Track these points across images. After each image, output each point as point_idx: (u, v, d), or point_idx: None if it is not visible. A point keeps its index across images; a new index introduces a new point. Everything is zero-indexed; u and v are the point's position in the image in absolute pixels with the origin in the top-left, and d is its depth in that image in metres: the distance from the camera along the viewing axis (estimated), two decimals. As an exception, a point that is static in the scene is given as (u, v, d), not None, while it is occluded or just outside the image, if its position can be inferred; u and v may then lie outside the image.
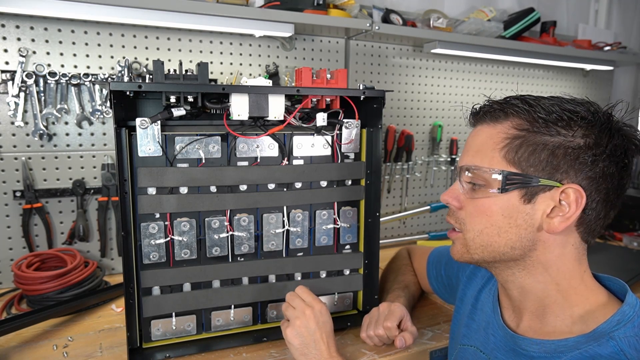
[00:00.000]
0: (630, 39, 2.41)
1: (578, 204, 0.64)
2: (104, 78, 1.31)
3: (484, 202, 0.69)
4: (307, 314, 0.86)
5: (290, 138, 1.00)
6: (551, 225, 0.66)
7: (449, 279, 1.04)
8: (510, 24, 1.79)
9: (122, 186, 0.89)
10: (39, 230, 1.32)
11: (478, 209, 0.70)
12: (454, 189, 0.74)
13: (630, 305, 0.65)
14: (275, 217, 1.01)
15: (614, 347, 0.60)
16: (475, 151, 0.71)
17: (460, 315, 0.92)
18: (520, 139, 0.66)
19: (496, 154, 0.68)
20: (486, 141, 0.70)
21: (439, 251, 1.12)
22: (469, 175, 0.70)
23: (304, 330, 0.85)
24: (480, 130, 0.72)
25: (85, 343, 1.00)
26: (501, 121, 0.69)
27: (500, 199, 0.67)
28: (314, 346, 0.84)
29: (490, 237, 0.69)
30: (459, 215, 0.73)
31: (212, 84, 1.18)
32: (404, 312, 0.99)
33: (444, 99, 1.88)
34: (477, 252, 0.71)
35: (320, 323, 0.85)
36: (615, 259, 1.60)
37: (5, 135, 1.25)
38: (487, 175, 0.68)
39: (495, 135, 0.69)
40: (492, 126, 0.70)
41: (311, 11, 1.38)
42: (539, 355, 0.68)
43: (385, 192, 1.81)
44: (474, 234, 0.71)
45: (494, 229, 0.69)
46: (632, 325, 0.62)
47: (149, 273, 0.93)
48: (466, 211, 0.72)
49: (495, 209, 0.68)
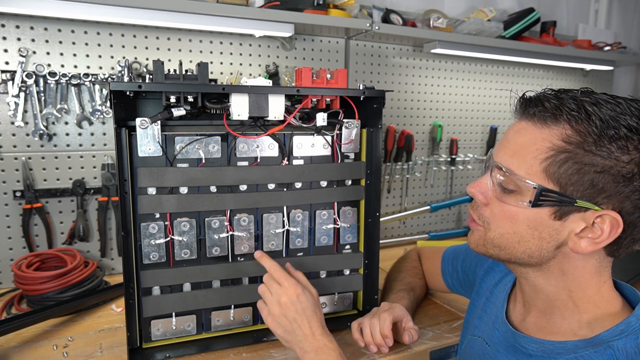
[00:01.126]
0: (630, 39, 2.41)
1: (613, 232, 0.60)
2: (104, 78, 1.31)
3: (511, 209, 0.65)
4: (283, 302, 0.85)
5: (290, 138, 1.00)
6: (577, 245, 0.62)
7: (466, 274, 1.04)
8: (510, 24, 1.79)
9: (122, 186, 0.89)
10: (39, 230, 1.32)
11: (504, 213, 0.66)
12: (482, 182, 0.69)
13: (637, 317, 0.62)
14: (275, 217, 1.01)
15: (610, 356, 0.59)
16: (513, 152, 0.65)
17: (475, 307, 0.92)
18: (567, 153, 0.59)
19: (536, 163, 0.61)
20: (528, 145, 0.63)
21: (455, 248, 1.12)
22: (500, 177, 0.66)
23: (283, 320, 0.84)
24: (524, 129, 0.64)
25: (85, 343, 1.00)
26: (549, 125, 0.61)
27: (530, 210, 0.63)
28: (296, 333, 0.84)
29: (510, 242, 0.67)
30: (483, 212, 0.70)
31: (212, 84, 1.18)
32: (404, 312, 0.99)
33: (444, 99, 1.88)
34: (493, 250, 0.70)
35: (299, 310, 0.84)
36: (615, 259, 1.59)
37: (5, 135, 1.25)
38: (520, 183, 0.63)
39: (540, 142, 0.61)
40: (538, 128, 0.62)
41: (311, 11, 1.38)
42: (536, 354, 0.68)
43: (385, 192, 1.81)
44: (494, 234, 0.68)
45: (515, 236, 0.66)
46: (635, 337, 0.60)
47: (149, 273, 0.93)
48: (491, 210, 0.68)
49: (521, 218, 0.65)
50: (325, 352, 0.82)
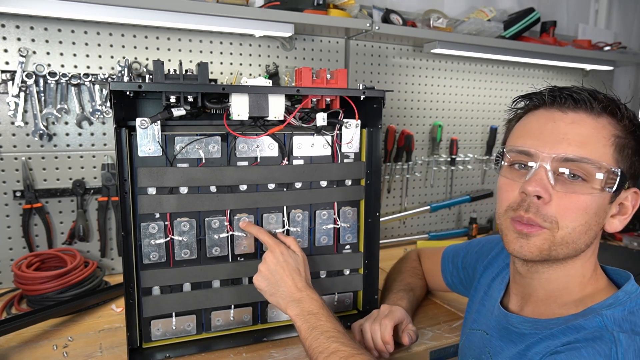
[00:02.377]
0: (630, 39, 2.41)
1: (634, 206, 0.68)
2: (104, 78, 1.31)
3: (585, 198, 0.64)
4: (267, 258, 0.90)
5: (290, 138, 1.00)
6: (613, 225, 0.68)
7: (466, 271, 1.05)
8: (510, 24, 1.79)
9: (122, 186, 0.89)
10: (39, 230, 1.32)
11: (577, 205, 0.65)
12: (540, 179, 0.65)
13: (625, 291, 0.67)
14: (275, 217, 1.01)
15: (599, 321, 0.62)
16: (580, 142, 0.64)
17: (473, 303, 0.93)
18: (625, 139, 0.66)
19: (608, 149, 0.65)
20: (594, 133, 0.65)
21: (455, 247, 1.13)
22: (575, 166, 0.64)
23: (267, 273, 0.88)
24: (580, 120, 0.66)
25: (85, 343, 1.00)
26: (605, 115, 0.66)
27: (599, 197, 0.65)
28: (279, 284, 0.87)
29: (580, 234, 0.66)
30: (547, 211, 0.65)
31: (212, 84, 1.18)
32: (404, 315, 0.99)
33: (444, 99, 1.88)
34: (559, 248, 0.67)
35: (281, 262, 0.88)
36: (615, 259, 1.60)
37: (5, 135, 1.25)
38: (597, 170, 0.64)
39: (603, 129, 0.65)
40: (594, 119, 0.66)
41: (311, 11, 1.38)
42: (529, 332, 0.71)
43: (385, 192, 1.81)
44: (567, 231, 0.65)
45: (586, 226, 0.66)
46: (623, 308, 0.64)
47: (149, 273, 0.93)
48: (558, 205, 0.65)
49: (593, 207, 0.65)
50: (307, 302, 0.84)
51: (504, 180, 0.72)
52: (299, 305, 0.84)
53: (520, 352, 0.70)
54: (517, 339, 0.73)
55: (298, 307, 0.84)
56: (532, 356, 0.67)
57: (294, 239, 0.96)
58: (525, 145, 0.68)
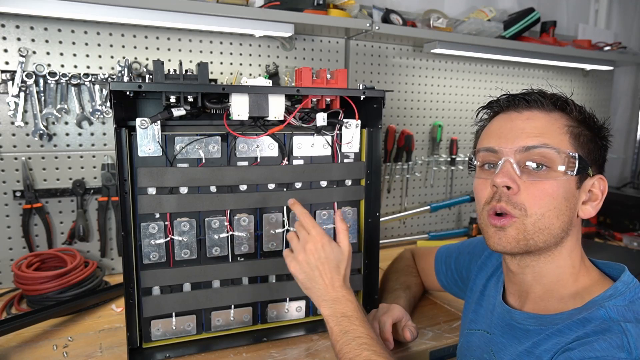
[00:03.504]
0: (630, 39, 2.41)
1: (603, 192, 0.71)
2: (104, 78, 1.31)
3: (551, 184, 0.69)
4: (308, 248, 0.85)
5: (290, 138, 1.00)
6: (585, 211, 0.71)
7: (459, 272, 1.05)
8: (510, 24, 1.79)
9: (122, 186, 0.89)
10: (39, 230, 1.32)
11: (544, 191, 0.69)
12: (507, 171, 0.70)
13: (623, 282, 0.69)
14: (275, 217, 1.01)
15: (603, 313, 0.64)
16: (538, 133, 0.70)
17: (470, 304, 0.93)
18: (578, 127, 0.71)
19: (564, 137, 0.70)
20: (548, 125, 0.71)
21: (447, 247, 1.13)
22: (537, 154, 0.69)
23: (305, 266, 0.85)
24: (533, 115, 0.72)
25: (85, 343, 1.00)
26: (556, 110, 0.72)
27: (565, 181, 0.69)
28: (316, 281, 0.84)
29: (551, 219, 0.69)
30: (517, 199, 0.69)
31: (212, 84, 1.18)
32: (403, 312, 0.99)
33: (444, 99, 1.88)
34: (534, 236, 0.69)
35: (322, 258, 0.84)
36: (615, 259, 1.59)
37: (5, 135, 1.25)
38: (557, 156, 0.68)
39: (555, 122, 0.71)
40: (546, 113, 0.72)
41: (311, 11, 1.38)
42: (534, 328, 0.71)
43: (385, 192, 1.81)
44: (536, 217, 0.69)
45: (555, 211, 0.69)
46: (623, 298, 0.66)
47: (149, 273, 0.93)
48: (527, 194, 0.69)
49: (560, 192, 0.69)
50: (343, 303, 0.81)
51: (478, 181, 0.77)
52: (333, 305, 0.81)
53: (527, 350, 0.70)
54: (522, 335, 0.73)
55: (332, 307, 0.81)
56: (540, 354, 0.67)
57: (346, 230, 0.90)
58: (490, 144, 0.74)
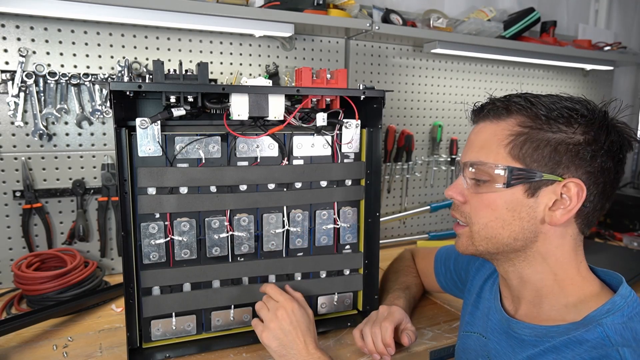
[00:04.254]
0: (630, 39, 2.41)
1: (579, 197, 0.67)
2: (104, 78, 1.31)
3: (489, 196, 0.71)
4: (280, 315, 0.87)
5: (290, 138, 1.00)
6: (553, 217, 0.68)
7: (458, 273, 1.06)
8: (510, 24, 1.79)
9: (122, 186, 0.89)
10: (38, 230, 1.32)
11: (483, 203, 0.72)
12: (457, 184, 0.75)
13: (622, 295, 0.67)
14: (275, 217, 1.01)
15: (600, 332, 0.63)
16: (479, 147, 0.73)
17: (467, 305, 0.94)
18: (524, 135, 0.68)
19: (501, 150, 0.70)
20: (490, 138, 0.71)
21: (447, 248, 1.14)
22: (472, 170, 0.72)
23: (279, 332, 0.86)
24: (483, 128, 0.74)
25: (85, 343, 1.00)
26: (504, 118, 0.71)
27: (505, 193, 0.69)
28: (291, 346, 0.85)
29: (495, 229, 0.71)
30: (464, 209, 0.75)
31: (212, 84, 1.18)
32: (403, 315, 0.99)
33: (444, 99, 1.88)
34: (481, 244, 0.73)
35: (294, 322, 0.87)
36: (615, 259, 1.60)
37: (5, 135, 1.25)
38: (491, 170, 0.70)
39: (500, 132, 0.71)
40: (495, 123, 0.72)
41: (311, 11, 1.38)
42: (529, 339, 0.71)
43: (385, 192, 1.81)
44: (479, 226, 0.73)
45: (498, 221, 0.71)
46: (622, 314, 0.65)
47: (149, 273, 0.93)
48: (471, 205, 0.74)
49: (499, 203, 0.70)
50: None
51: None
52: None
53: None
54: (517, 345, 0.73)
55: None
56: None
57: (301, 295, 0.97)
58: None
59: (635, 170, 2.45)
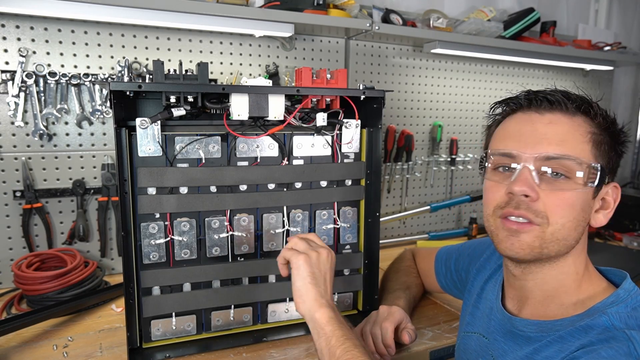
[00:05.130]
0: (630, 39, 2.41)
1: (616, 200, 0.69)
2: (104, 78, 1.31)
3: (570, 194, 0.66)
4: (322, 252, 0.81)
5: (290, 138, 1.00)
6: (597, 220, 0.69)
7: (459, 273, 1.05)
8: (510, 24, 1.79)
9: (122, 186, 0.89)
10: (39, 230, 1.32)
11: (565, 202, 0.66)
12: (525, 179, 0.67)
13: (625, 289, 0.68)
14: (275, 217, 1.01)
15: (605, 320, 0.63)
16: (560, 140, 0.67)
17: (467, 306, 0.93)
18: (600, 135, 0.68)
19: (586, 146, 0.67)
20: (571, 131, 0.67)
21: (447, 249, 1.13)
22: (558, 164, 0.66)
23: (318, 264, 0.80)
24: (557, 119, 0.68)
25: (85, 343, 1.00)
26: (579, 114, 0.69)
27: (584, 192, 0.67)
28: (319, 285, 0.79)
29: (570, 230, 0.67)
30: (536, 207, 0.67)
31: (212, 84, 1.18)
32: (403, 315, 0.99)
33: (444, 99, 1.88)
34: (552, 245, 0.68)
35: (332, 268, 0.82)
36: (615, 259, 1.60)
37: (5, 135, 1.25)
38: (578, 167, 0.66)
39: (579, 127, 0.67)
40: (569, 118, 0.68)
41: (311, 11, 1.38)
42: (535, 335, 0.70)
43: (385, 192, 1.81)
44: (556, 227, 0.67)
45: (574, 222, 0.67)
46: (625, 305, 0.65)
47: (149, 273, 0.93)
48: (547, 202, 0.66)
49: (579, 202, 0.67)
50: (337, 311, 0.77)
51: (490, 183, 0.73)
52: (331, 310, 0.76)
53: (527, 355, 0.69)
54: (523, 342, 0.72)
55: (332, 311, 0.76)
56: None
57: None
58: (507, 147, 0.70)
59: (635, 170, 2.45)
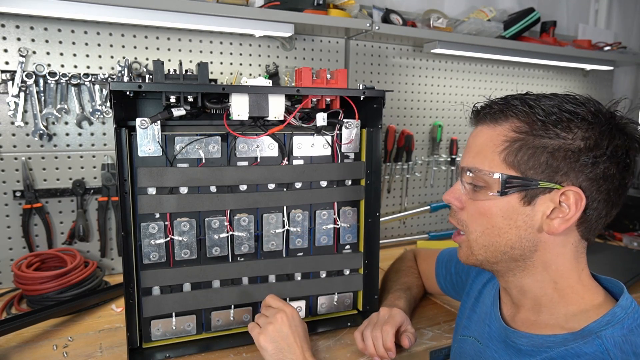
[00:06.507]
0: (630, 39, 2.41)
1: (578, 206, 0.64)
2: (104, 78, 1.31)
3: (484, 204, 0.69)
4: (279, 318, 0.86)
5: (290, 138, 1.00)
6: (551, 226, 0.66)
7: (459, 275, 1.05)
8: (510, 24, 1.79)
9: (122, 186, 0.89)
10: (39, 230, 1.32)
11: (478, 211, 0.71)
12: (455, 189, 0.74)
13: (622, 307, 0.65)
14: (275, 217, 1.01)
15: (599, 345, 0.61)
16: (475, 152, 0.71)
17: (464, 309, 0.93)
18: (520, 142, 0.66)
19: (496, 156, 0.68)
20: (486, 143, 0.70)
21: (449, 250, 1.13)
22: (470, 176, 0.71)
23: (277, 335, 0.84)
24: (480, 131, 0.72)
25: (85, 343, 1.00)
26: (501, 123, 0.69)
27: (500, 201, 0.68)
28: (288, 350, 0.83)
29: (491, 237, 0.70)
30: (461, 216, 0.74)
31: (212, 84, 1.18)
32: (404, 317, 0.99)
33: (444, 99, 1.88)
34: (480, 252, 0.72)
35: (292, 327, 0.85)
36: (615, 259, 1.59)
37: (5, 135, 1.25)
38: (487, 177, 0.68)
39: (495, 138, 0.69)
40: (492, 127, 0.70)
41: (311, 11, 1.38)
42: (526, 349, 0.70)
43: (385, 192, 1.81)
44: (476, 234, 0.72)
45: (494, 230, 0.70)
46: (621, 326, 0.63)
47: (149, 273, 0.93)
48: (467, 212, 0.73)
49: (495, 211, 0.69)
50: None
51: None
52: None
53: None
54: (514, 354, 0.72)
55: None
56: None
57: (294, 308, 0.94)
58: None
59: (636, 170, 2.44)
